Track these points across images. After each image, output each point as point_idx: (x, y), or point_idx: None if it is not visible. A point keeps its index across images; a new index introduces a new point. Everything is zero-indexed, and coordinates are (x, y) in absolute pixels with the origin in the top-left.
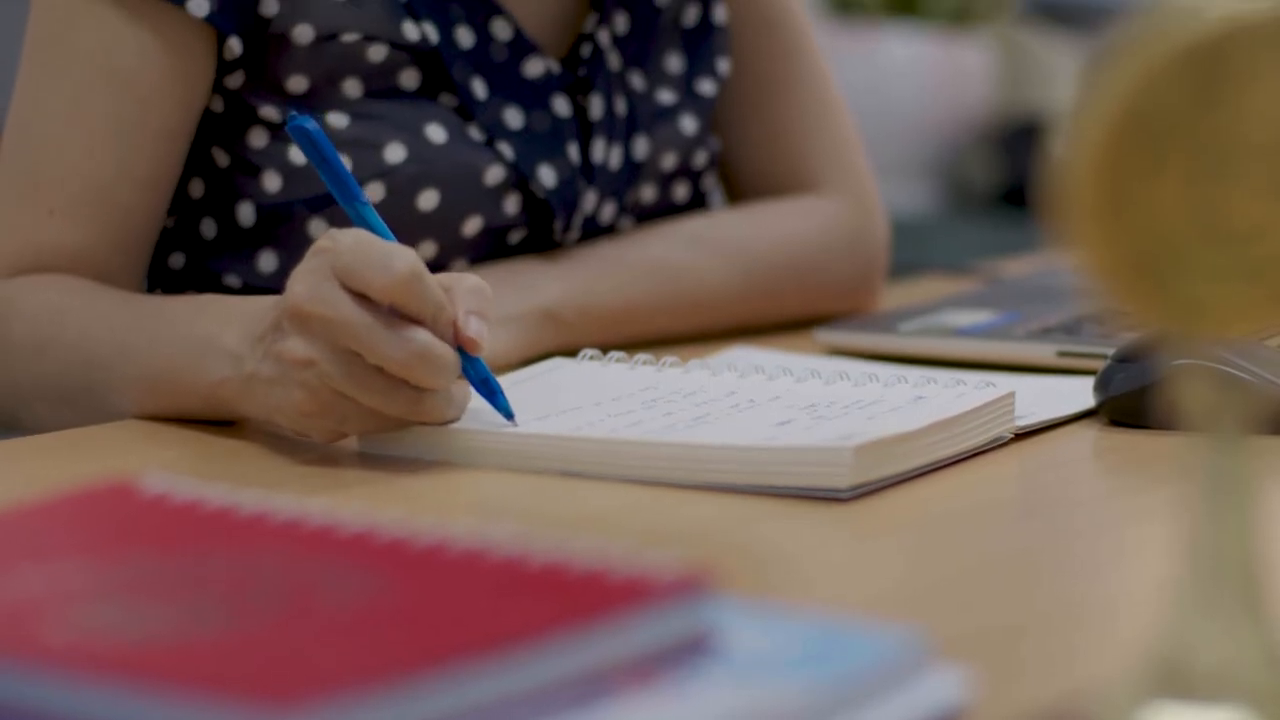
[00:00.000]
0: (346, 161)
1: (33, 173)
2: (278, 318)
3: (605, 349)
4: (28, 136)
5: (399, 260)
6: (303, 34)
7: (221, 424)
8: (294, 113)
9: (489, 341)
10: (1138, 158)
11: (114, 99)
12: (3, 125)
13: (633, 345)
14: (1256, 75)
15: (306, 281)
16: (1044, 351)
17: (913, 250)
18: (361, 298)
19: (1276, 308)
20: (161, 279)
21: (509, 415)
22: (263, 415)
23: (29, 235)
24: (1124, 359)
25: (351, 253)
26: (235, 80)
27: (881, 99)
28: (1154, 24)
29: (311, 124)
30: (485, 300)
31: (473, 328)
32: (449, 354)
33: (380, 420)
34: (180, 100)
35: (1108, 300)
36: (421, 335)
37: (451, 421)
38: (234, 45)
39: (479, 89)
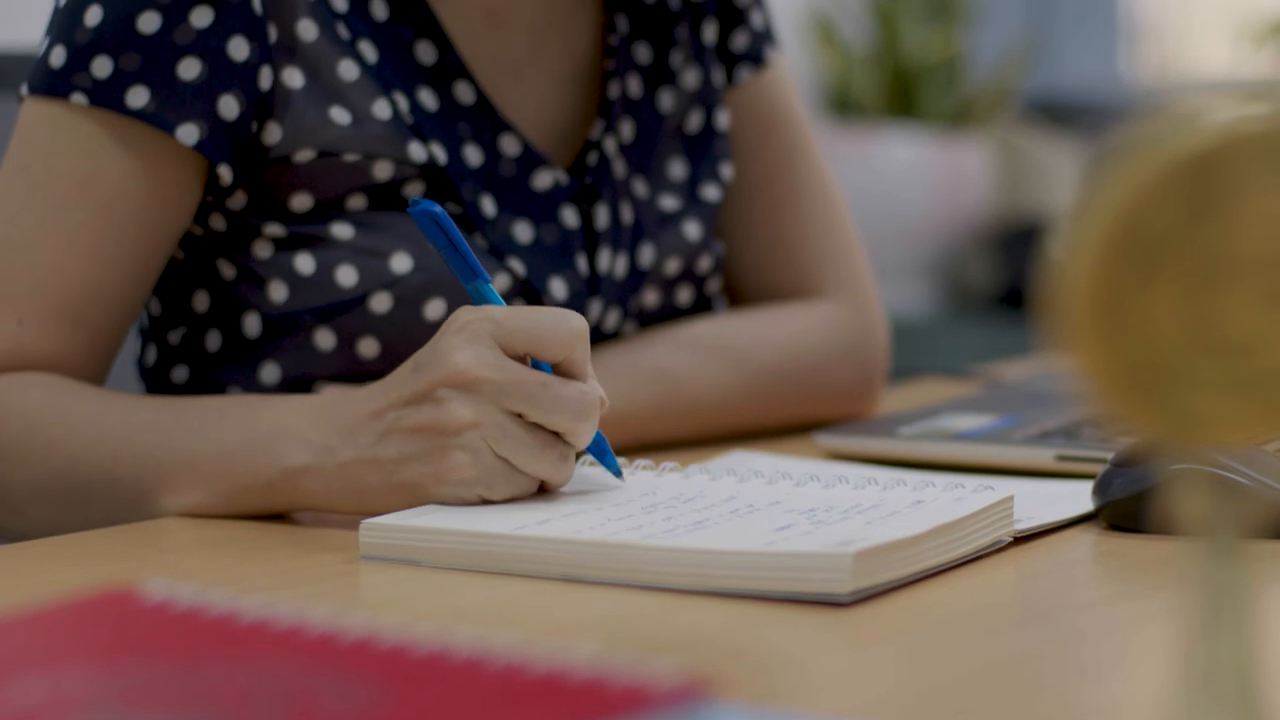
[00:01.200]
0: (353, 271)
1: (2, 283)
2: (421, 393)
3: None
4: (2, 246)
5: (574, 318)
6: (305, 156)
7: (223, 524)
8: (415, 197)
9: None
10: (1133, 270)
11: (92, 219)
12: None
13: (634, 450)
14: (1250, 188)
15: (470, 350)
16: (1043, 456)
17: (913, 352)
18: (520, 360)
19: (1272, 419)
20: (165, 392)
21: (618, 473)
22: (352, 502)
23: None
24: (1123, 463)
25: (515, 318)
26: (237, 202)
27: (881, 201)
28: (1148, 137)
29: (436, 207)
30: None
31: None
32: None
33: (522, 483)
34: (160, 224)
35: (1104, 410)
36: (591, 389)
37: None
38: (224, 173)
39: (488, 206)
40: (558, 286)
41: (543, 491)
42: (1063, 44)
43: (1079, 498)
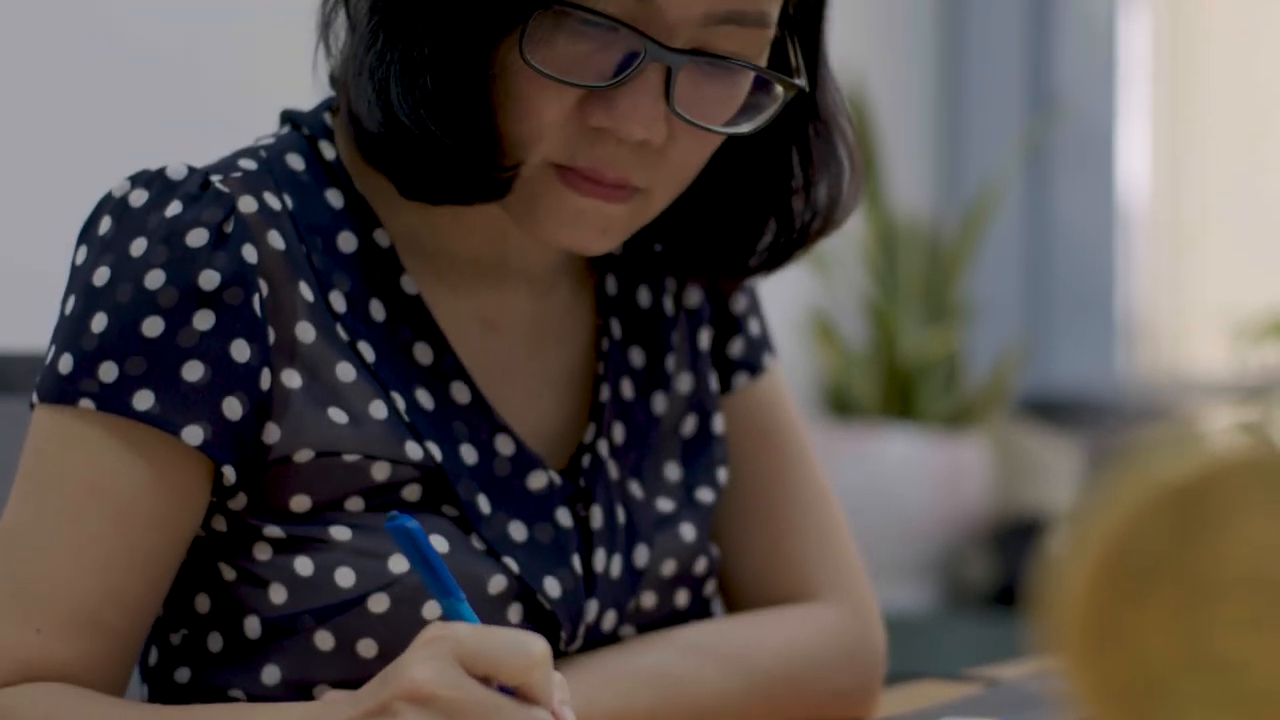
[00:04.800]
0: (350, 573)
1: (20, 591)
2: (381, 705)
3: None
4: (16, 555)
5: (536, 644)
6: (304, 456)
7: None
8: (394, 512)
9: None
10: (1124, 592)
11: (105, 526)
12: None
13: None
14: (1237, 512)
15: (430, 666)
16: None
17: (911, 650)
18: (483, 681)
19: None
20: (167, 695)
21: None
22: None
23: (16, 651)
24: None
25: (479, 639)
26: (238, 503)
27: (879, 499)
28: (1139, 461)
29: (412, 523)
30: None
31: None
32: None
33: None
34: (171, 527)
35: None
36: (546, 717)
37: None
38: (229, 474)
39: (483, 504)
40: (552, 586)
41: None
42: (1059, 342)
43: None
